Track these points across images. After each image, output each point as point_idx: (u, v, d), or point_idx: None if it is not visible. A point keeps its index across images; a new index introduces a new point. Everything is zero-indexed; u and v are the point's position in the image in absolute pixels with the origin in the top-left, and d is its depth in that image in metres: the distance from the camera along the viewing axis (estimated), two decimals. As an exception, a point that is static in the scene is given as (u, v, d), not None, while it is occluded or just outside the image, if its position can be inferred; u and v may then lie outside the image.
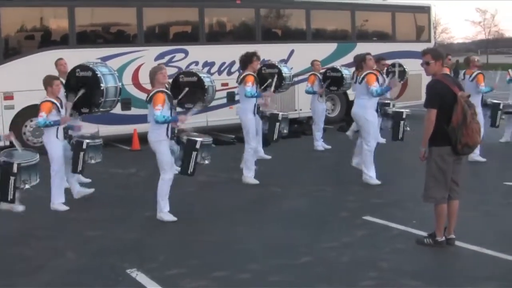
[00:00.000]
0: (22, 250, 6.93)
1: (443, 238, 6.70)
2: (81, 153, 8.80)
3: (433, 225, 6.76)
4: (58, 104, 8.62)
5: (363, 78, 9.74)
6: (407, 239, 7.02)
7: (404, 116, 10.35)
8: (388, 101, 11.65)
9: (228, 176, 10.37)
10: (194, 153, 8.00)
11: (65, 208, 8.50)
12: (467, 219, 7.56)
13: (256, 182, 9.98)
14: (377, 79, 9.83)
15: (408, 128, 10.41)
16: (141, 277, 6.02)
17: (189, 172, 8.04)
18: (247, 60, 10.15)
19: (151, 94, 7.85)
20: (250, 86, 9.92)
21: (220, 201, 9.05)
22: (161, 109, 7.68)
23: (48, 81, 8.68)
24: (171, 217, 7.92)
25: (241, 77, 10.10)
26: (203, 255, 6.66)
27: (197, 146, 8.02)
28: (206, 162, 8.21)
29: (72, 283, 5.98)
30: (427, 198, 6.72)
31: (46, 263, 6.49)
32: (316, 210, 8.46)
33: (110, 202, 9.02)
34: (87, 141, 8.94)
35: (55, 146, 8.62)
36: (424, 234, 6.94)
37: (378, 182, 9.76)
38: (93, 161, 9.07)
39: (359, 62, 10.01)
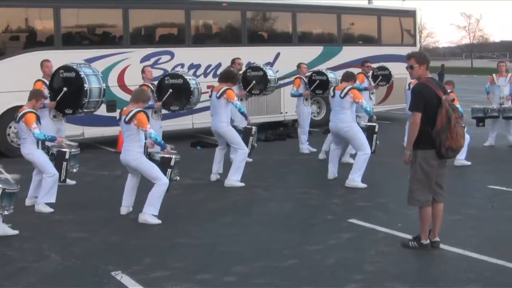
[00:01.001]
0: (6, 251, 6.87)
1: (428, 241, 6.73)
2: (64, 163, 8.97)
3: (418, 228, 6.79)
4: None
5: (346, 93, 9.89)
6: (392, 242, 7.04)
7: (376, 129, 10.34)
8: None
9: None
10: (169, 170, 8.17)
11: (49, 210, 8.44)
12: (452, 222, 7.62)
13: (242, 184, 9.98)
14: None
15: (378, 142, 10.42)
16: (125, 280, 5.99)
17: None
18: (229, 76, 10.20)
19: (132, 114, 7.78)
20: (239, 102, 10.15)
21: (205, 203, 9.03)
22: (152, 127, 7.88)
23: (37, 96, 8.61)
24: (156, 220, 7.90)
25: (221, 90, 9.97)
26: (188, 257, 6.64)
27: (172, 163, 8.18)
28: (178, 178, 8.45)
29: (56, 285, 5.93)
30: (411, 201, 6.74)
31: (29, 265, 6.44)
32: (302, 212, 8.47)
33: (95, 204, 8.98)
34: (70, 150, 9.09)
35: (40, 154, 8.55)
36: (409, 237, 6.97)
37: (364, 185, 9.82)
38: (74, 170, 9.31)
39: (351, 77, 10.29)
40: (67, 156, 8.98)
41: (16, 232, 7.40)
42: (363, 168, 9.85)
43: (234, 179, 9.98)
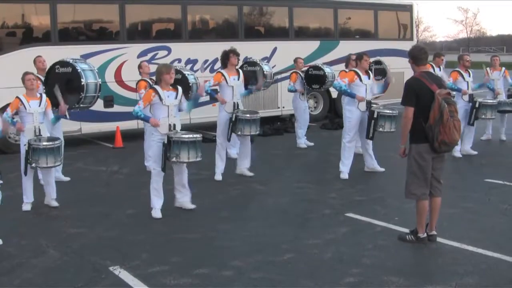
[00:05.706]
0: (4, 247, 6.87)
1: (425, 235, 6.75)
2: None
3: (415, 221, 6.82)
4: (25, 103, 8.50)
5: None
6: (390, 236, 7.06)
7: (374, 115, 10.13)
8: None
9: (210, 173, 10.34)
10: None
11: (26, 209, 8.46)
12: (449, 215, 7.64)
13: (218, 179, 10.12)
14: (359, 78, 10.06)
15: (380, 129, 10.19)
16: (124, 275, 6.01)
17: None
18: (224, 57, 10.19)
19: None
20: (209, 83, 10.12)
21: (202, 198, 9.01)
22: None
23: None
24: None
25: None
26: (186, 252, 6.66)
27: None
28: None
29: (54, 281, 5.94)
30: (408, 194, 6.77)
31: (27, 260, 6.45)
32: (299, 207, 8.48)
33: (92, 200, 8.99)
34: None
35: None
36: (406, 230, 6.99)
37: (345, 177, 9.99)
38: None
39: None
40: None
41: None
42: (345, 157, 10.14)
43: (215, 171, 10.23)
